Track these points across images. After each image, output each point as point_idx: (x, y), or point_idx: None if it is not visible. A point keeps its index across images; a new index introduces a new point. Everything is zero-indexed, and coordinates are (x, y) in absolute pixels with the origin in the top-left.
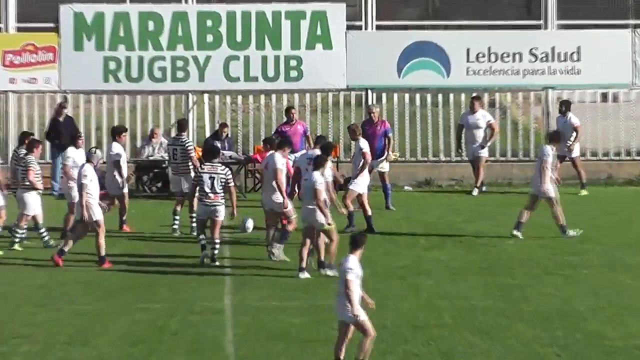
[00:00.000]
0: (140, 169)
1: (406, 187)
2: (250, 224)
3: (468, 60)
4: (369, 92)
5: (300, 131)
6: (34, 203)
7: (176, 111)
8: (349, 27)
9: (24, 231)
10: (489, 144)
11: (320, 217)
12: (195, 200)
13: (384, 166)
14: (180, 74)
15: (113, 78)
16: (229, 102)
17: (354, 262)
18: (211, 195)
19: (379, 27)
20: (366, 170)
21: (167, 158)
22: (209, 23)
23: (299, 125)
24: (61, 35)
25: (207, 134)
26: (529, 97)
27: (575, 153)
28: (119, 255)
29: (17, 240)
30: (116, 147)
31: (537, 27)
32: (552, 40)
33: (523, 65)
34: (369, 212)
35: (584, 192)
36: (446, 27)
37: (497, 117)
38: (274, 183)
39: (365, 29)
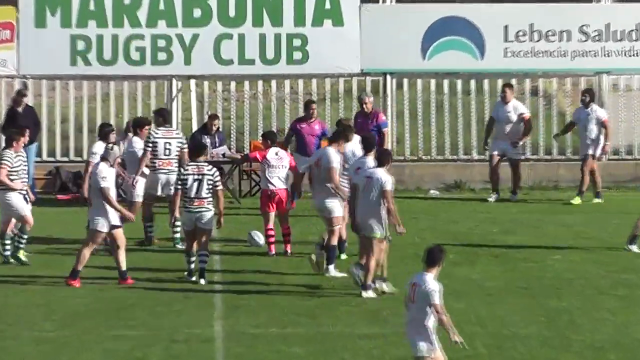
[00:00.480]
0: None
1: (432, 191)
2: (260, 236)
3: (506, 40)
4: (388, 77)
5: (317, 131)
6: (20, 203)
7: (157, 100)
8: (363, 0)
9: (24, 236)
10: (522, 142)
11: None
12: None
13: None
14: (162, 56)
15: (82, 60)
16: (220, 90)
17: (433, 281)
18: (196, 200)
19: (399, 0)
20: None
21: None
22: None
23: (318, 124)
24: (20, 9)
25: (195, 128)
26: (579, 84)
27: (599, 153)
28: (89, 268)
29: (21, 246)
30: (138, 143)
31: None
32: (606, 16)
33: (572, 45)
34: None
35: (597, 201)
36: (480, 0)
37: (541, 108)
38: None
39: (384, 1)
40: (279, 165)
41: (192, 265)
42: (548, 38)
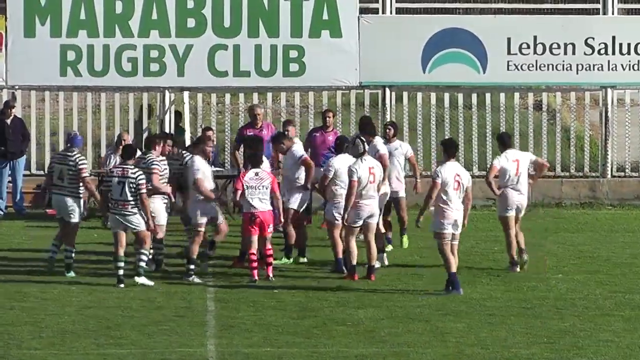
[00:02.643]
0: (104, 184)
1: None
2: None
3: (509, 53)
4: (387, 90)
5: (330, 142)
6: (163, 211)
7: (150, 113)
8: (362, 11)
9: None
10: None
11: None
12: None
13: None
14: (154, 67)
15: (72, 71)
16: (215, 102)
17: None
18: (120, 203)
19: (399, 11)
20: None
21: None
22: (190, 4)
23: (333, 135)
24: (8, 17)
25: (188, 141)
26: (584, 98)
27: (403, 193)
28: (77, 284)
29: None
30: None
31: (595, 11)
32: (612, 28)
33: (577, 58)
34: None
35: (405, 241)
36: (482, 11)
37: (545, 123)
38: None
39: (383, 12)
40: (259, 186)
41: (121, 272)
42: (552, 51)
